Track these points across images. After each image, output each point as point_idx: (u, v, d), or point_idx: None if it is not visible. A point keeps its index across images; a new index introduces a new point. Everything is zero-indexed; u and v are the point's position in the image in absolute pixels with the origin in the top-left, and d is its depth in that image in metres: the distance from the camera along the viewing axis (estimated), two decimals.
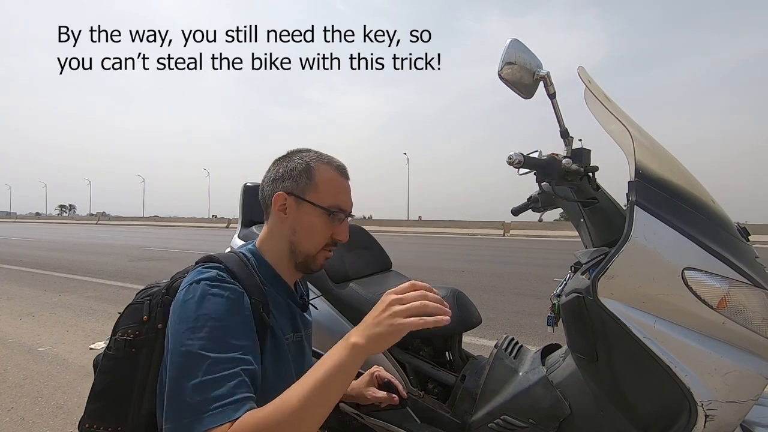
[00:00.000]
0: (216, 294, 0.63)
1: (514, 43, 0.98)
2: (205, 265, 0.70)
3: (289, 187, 0.76)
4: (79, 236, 16.95)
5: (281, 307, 0.77)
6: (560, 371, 0.99)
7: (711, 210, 0.83)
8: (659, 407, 0.80)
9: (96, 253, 9.45)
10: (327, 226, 0.77)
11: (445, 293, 1.15)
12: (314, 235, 0.76)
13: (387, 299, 0.60)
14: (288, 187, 0.76)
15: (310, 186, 0.76)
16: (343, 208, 0.78)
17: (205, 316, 0.61)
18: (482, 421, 1.01)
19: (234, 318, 0.63)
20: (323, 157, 0.80)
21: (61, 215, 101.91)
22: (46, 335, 3.14)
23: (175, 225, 33.40)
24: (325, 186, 0.76)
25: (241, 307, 0.65)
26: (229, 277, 0.68)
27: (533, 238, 18.00)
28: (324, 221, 0.76)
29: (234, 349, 0.60)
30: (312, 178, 0.76)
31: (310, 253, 0.77)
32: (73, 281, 5.54)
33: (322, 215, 0.76)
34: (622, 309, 0.79)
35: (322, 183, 0.76)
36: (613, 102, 0.90)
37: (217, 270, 0.68)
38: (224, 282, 0.66)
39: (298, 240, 0.76)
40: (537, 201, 1.16)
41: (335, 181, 0.78)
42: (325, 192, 0.76)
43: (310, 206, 0.75)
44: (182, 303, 0.64)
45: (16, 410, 1.98)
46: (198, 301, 0.62)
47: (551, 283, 5.22)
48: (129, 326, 0.73)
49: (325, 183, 0.77)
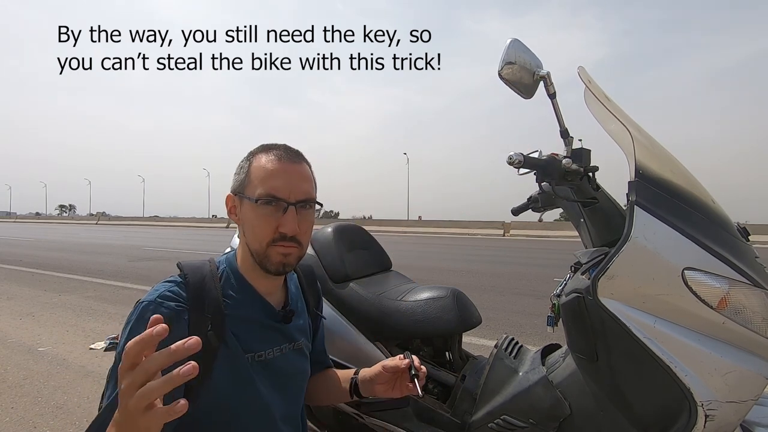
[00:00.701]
0: (147, 320, 0.61)
1: (515, 43, 0.98)
2: (169, 278, 0.70)
3: (233, 186, 0.74)
4: (79, 236, 16.95)
5: (250, 322, 0.73)
6: (560, 371, 0.99)
7: (711, 210, 0.83)
8: (659, 407, 0.80)
9: (96, 253, 9.45)
10: (266, 219, 0.69)
11: (445, 293, 1.15)
12: (256, 231, 0.70)
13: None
14: (232, 186, 0.74)
15: (246, 180, 0.72)
16: (276, 195, 0.69)
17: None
18: (482, 421, 1.01)
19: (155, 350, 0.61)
20: (266, 146, 0.75)
21: (61, 215, 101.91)
22: (46, 335, 3.14)
23: (175, 225, 33.41)
24: (256, 175, 0.71)
25: (171, 334, 0.59)
26: (179, 296, 0.67)
27: (533, 238, 18.00)
28: (261, 213, 0.69)
29: None
30: (248, 171, 0.72)
31: (259, 251, 0.71)
32: (73, 281, 5.54)
33: (256, 208, 0.70)
34: (622, 309, 0.79)
35: (255, 172, 0.71)
36: (613, 102, 0.90)
37: (171, 285, 0.68)
38: (161, 305, 0.64)
39: (248, 240, 0.73)
40: (537, 201, 1.16)
41: (268, 167, 0.71)
42: (256, 181, 0.70)
43: (248, 202, 0.70)
44: (126, 321, 0.65)
45: (16, 410, 1.98)
46: (133, 323, 0.63)
47: (551, 283, 5.22)
48: None
49: (256, 171, 0.71)
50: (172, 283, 0.69)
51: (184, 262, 0.73)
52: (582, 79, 0.92)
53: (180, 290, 0.68)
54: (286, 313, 0.78)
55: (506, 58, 0.97)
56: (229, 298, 0.71)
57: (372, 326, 1.15)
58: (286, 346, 0.78)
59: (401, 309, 1.14)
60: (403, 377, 0.80)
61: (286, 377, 0.78)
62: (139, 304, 0.65)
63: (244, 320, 0.72)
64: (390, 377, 0.81)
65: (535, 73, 1.00)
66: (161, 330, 0.42)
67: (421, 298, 1.15)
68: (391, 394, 0.81)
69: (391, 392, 0.81)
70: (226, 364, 0.68)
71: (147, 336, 0.42)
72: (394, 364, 0.79)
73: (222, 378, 0.67)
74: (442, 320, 1.10)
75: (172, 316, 0.64)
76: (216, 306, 0.68)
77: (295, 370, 0.80)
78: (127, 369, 0.42)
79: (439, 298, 1.14)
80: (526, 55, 0.99)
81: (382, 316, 1.14)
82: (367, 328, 1.16)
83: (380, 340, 1.16)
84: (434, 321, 1.10)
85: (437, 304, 1.12)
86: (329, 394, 0.91)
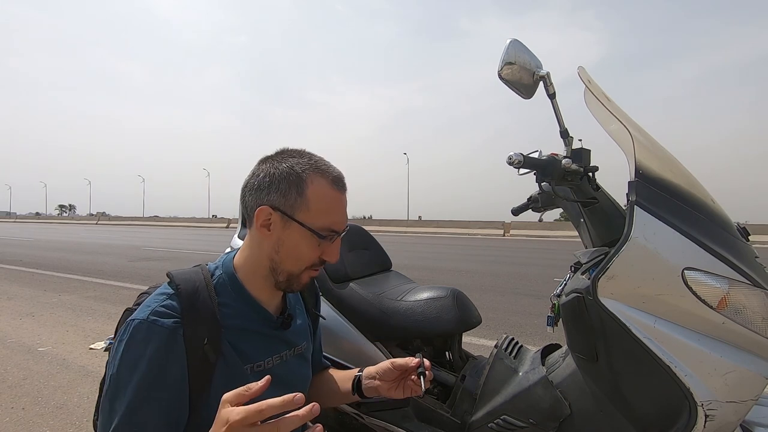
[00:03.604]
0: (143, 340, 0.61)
1: (514, 43, 0.98)
2: (160, 291, 0.67)
3: (275, 201, 0.66)
4: (79, 236, 16.95)
5: (248, 332, 0.70)
6: (560, 371, 0.99)
7: (711, 210, 0.83)
8: (659, 407, 0.80)
9: (96, 253, 9.45)
10: (316, 248, 0.68)
11: (445, 293, 1.15)
12: (300, 257, 0.68)
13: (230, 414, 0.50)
14: (274, 201, 0.66)
15: (300, 202, 0.66)
16: (336, 230, 0.69)
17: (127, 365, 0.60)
18: (482, 421, 1.01)
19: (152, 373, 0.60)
20: (318, 164, 0.69)
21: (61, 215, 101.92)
22: (46, 335, 3.14)
23: (175, 225, 33.41)
24: (317, 203, 0.67)
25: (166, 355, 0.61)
26: (174, 308, 0.64)
27: (533, 238, 18.00)
28: (313, 243, 0.67)
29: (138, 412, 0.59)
30: (303, 192, 0.66)
31: (293, 272, 0.69)
32: (73, 281, 5.54)
33: (311, 238, 0.67)
34: (622, 309, 0.79)
35: (314, 199, 0.66)
36: (613, 102, 0.90)
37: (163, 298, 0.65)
38: (156, 324, 0.61)
39: (281, 259, 0.68)
40: (537, 201, 1.16)
41: (329, 198, 0.68)
42: (317, 211, 0.66)
43: (299, 226, 0.66)
44: (116, 341, 0.63)
45: (16, 410, 1.98)
46: (126, 343, 0.61)
47: (551, 283, 5.22)
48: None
49: (318, 200, 0.67)
50: (163, 296, 0.65)
51: (174, 271, 0.69)
52: (582, 79, 0.92)
53: (173, 303, 0.64)
54: (284, 319, 0.76)
55: (506, 58, 0.97)
56: (225, 307, 0.68)
57: (372, 326, 1.15)
58: (286, 352, 0.76)
59: (401, 309, 1.14)
60: (408, 378, 0.80)
61: (287, 385, 0.75)
62: (130, 322, 0.62)
63: (241, 330, 0.69)
64: (397, 375, 0.81)
65: (535, 73, 1.00)
66: (300, 399, 0.48)
67: (421, 298, 1.15)
68: (394, 394, 0.81)
69: (395, 392, 0.81)
70: (224, 377, 0.65)
71: (286, 402, 0.48)
72: (404, 361, 0.79)
73: (221, 392, 0.65)
74: (442, 320, 1.10)
75: (167, 335, 0.61)
76: (212, 317, 0.65)
77: (296, 376, 0.79)
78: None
79: (438, 298, 1.14)
80: (526, 55, 0.99)
81: (382, 316, 1.14)
82: (367, 328, 1.16)
83: (380, 340, 1.16)
84: (434, 321, 1.10)
85: (437, 304, 1.13)
86: (329, 395, 0.89)
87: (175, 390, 0.62)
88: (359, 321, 1.17)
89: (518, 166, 0.92)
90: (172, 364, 0.61)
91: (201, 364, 0.63)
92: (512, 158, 0.90)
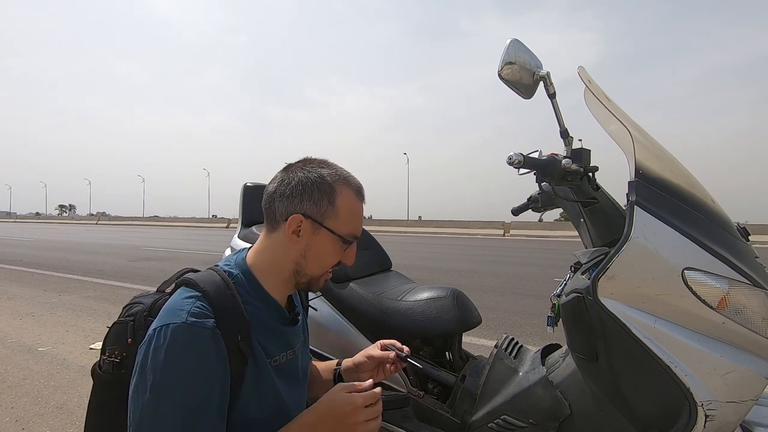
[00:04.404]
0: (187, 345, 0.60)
1: (514, 43, 0.98)
2: (185, 294, 0.66)
3: (308, 209, 0.70)
4: (79, 236, 16.95)
5: (268, 329, 0.73)
6: (560, 371, 0.99)
7: (711, 210, 0.83)
8: (659, 407, 0.79)
9: (96, 253, 9.45)
10: (339, 252, 0.74)
11: (445, 293, 1.15)
12: (326, 261, 0.74)
13: (354, 412, 0.66)
14: (307, 209, 0.70)
15: (330, 211, 0.71)
16: (357, 235, 0.76)
17: (173, 369, 0.59)
18: (482, 421, 1.01)
19: (202, 375, 0.60)
20: (345, 176, 0.74)
21: (61, 215, 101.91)
22: (46, 335, 3.14)
23: (175, 225, 33.41)
24: (346, 212, 0.72)
25: (213, 355, 0.61)
26: (207, 309, 0.64)
27: (533, 238, 17.99)
28: (338, 248, 0.74)
29: (195, 416, 0.58)
30: (333, 202, 0.71)
31: (315, 275, 0.74)
32: (73, 281, 5.54)
33: (337, 242, 0.73)
34: (622, 309, 0.79)
35: (343, 209, 0.72)
36: (613, 102, 0.90)
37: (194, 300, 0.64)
38: (197, 325, 0.61)
39: (306, 263, 0.73)
40: (537, 201, 1.16)
41: (355, 207, 0.74)
42: (345, 219, 0.72)
43: (327, 232, 0.71)
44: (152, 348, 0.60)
45: (16, 410, 1.98)
46: (167, 348, 0.59)
47: (551, 283, 5.22)
48: (115, 347, 0.74)
49: (347, 209, 0.72)
50: (192, 298, 0.65)
51: (192, 276, 0.70)
52: (582, 79, 0.92)
53: (204, 304, 0.64)
54: (295, 315, 0.80)
55: (506, 58, 0.97)
56: (247, 305, 0.69)
57: (372, 326, 1.15)
58: (297, 347, 0.79)
59: (401, 309, 1.14)
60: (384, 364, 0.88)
61: (296, 378, 0.79)
62: (164, 327, 0.61)
63: (263, 327, 0.71)
64: (374, 366, 0.88)
65: (535, 73, 1.00)
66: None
67: (420, 298, 1.15)
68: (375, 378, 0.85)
69: (375, 377, 0.87)
70: (253, 372, 0.68)
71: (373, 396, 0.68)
72: (380, 355, 0.87)
73: (251, 385, 0.68)
74: (442, 320, 1.10)
75: (210, 336, 0.61)
76: (240, 315, 0.66)
77: (303, 370, 0.82)
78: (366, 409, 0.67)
79: (438, 298, 1.14)
80: (526, 55, 0.99)
81: (382, 316, 1.14)
82: (367, 328, 1.16)
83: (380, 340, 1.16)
84: (434, 321, 1.10)
85: (437, 304, 1.12)
86: (313, 386, 0.92)
87: (222, 388, 0.63)
88: (359, 321, 1.17)
89: (518, 166, 0.92)
90: (218, 363, 0.62)
91: (238, 361, 0.65)
92: (512, 158, 0.90)
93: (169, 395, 0.58)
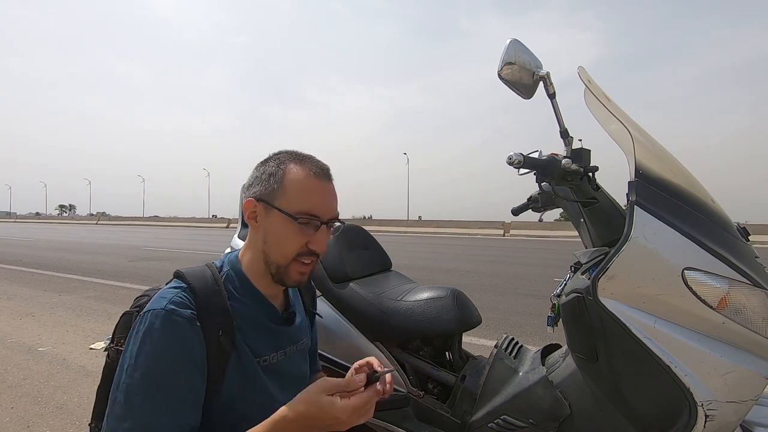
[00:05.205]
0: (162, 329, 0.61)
1: (514, 43, 0.98)
2: (172, 285, 0.68)
3: (258, 192, 0.70)
4: (79, 236, 16.95)
5: (258, 327, 0.72)
6: (560, 371, 0.99)
7: (711, 210, 0.83)
8: (659, 407, 0.80)
9: (96, 253, 9.45)
10: (298, 235, 0.69)
11: (445, 293, 1.15)
12: (284, 244, 0.70)
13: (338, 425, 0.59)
14: (257, 192, 0.70)
15: (278, 190, 0.69)
16: (316, 214, 0.69)
17: (145, 354, 0.60)
18: (482, 421, 1.01)
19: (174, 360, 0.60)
20: (298, 157, 0.73)
21: (61, 215, 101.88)
22: (46, 335, 3.14)
23: (175, 225, 33.41)
24: (294, 189, 0.69)
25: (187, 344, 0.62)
26: (189, 300, 0.65)
27: (533, 238, 17.99)
28: (294, 229, 0.69)
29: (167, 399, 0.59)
30: (280, 180, 0.69)
31: (281, 264, 0.70)
32: (73, 281, 5.54)
33: (290, 223, 0.68)
34: (622, 309, 0.79)
35: (291, 186, 0.69)
36: (613, 102, 0.90)
37: (178, 291, 0.66)
38: (174, 313, 0.62)
39: (268, 250, 0.71)
40: (537, 201, 1.16)
41: (307, 183, 0.70)
42: (294, 196, 0.69)
43: (278, 213, 0.69)
44: (133, 332, 0.63)
45: (16, 410, 1.98)
46: (144, 332, 0.61)
47: (551, 283, 5.22)
48: (122, 336, 0.76)
49: (294, 185, 0.69)
50: (177, 289, 0.66)
51: (183, 269, 0.71)
52: (582, 79, 0.92)
53: (187, 295, 0.66)
54: (289, 315, 0.78)
55: (506, 58, 0.97)
56: (234, 302, 0.69)
57: (372, 326, 1.15)
58: (290, 348, 0.78)
59: (401, 309, 1.14)
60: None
61: (290, 380, 0.77)
62: (146, 313, 0.63)
63: (250, 324, 0.71)
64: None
65: (535, 73, 1.00)
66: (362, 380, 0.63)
67: (420, 299, 1.15)
68: None
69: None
70: (237, 369, 0.67)
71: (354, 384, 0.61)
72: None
73: (234, 383, 0.67)
74: (442, 320, 1.10)
75: (186, 324, 0.62)
76: (224, 311, 0.67)
77: (298, 372, 0.81)
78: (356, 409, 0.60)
79: (438, 298, 1.14)
80: (526, 55, 0.99)
81: (382, 316, 1.14)
82: (367, 328, 1.16)
83: (380, 341, 1.16)
84: (434, 321, 1.10)
85: (437, 304, 1.12)
86: None
87: (193, 378, 0.63)
88: (359, 321, 1.17)
89: (518, 166, 0.92)
90: (191, 352, 0.62)
91: (217, 355, 0.65)
92: (512, 158, 0.90)
93: (143, 377, 0.59)
